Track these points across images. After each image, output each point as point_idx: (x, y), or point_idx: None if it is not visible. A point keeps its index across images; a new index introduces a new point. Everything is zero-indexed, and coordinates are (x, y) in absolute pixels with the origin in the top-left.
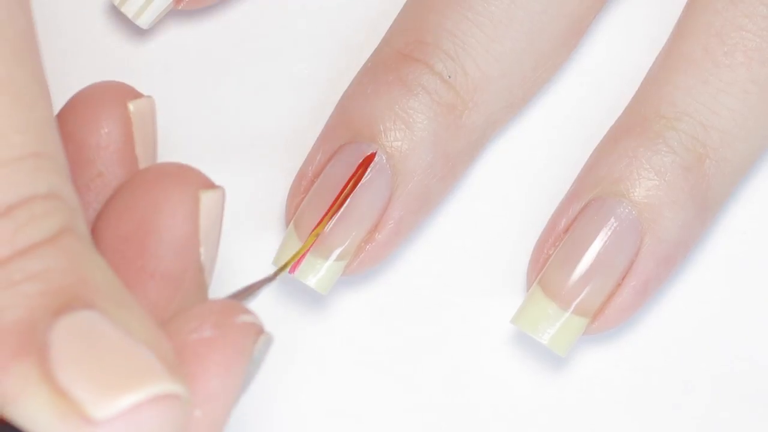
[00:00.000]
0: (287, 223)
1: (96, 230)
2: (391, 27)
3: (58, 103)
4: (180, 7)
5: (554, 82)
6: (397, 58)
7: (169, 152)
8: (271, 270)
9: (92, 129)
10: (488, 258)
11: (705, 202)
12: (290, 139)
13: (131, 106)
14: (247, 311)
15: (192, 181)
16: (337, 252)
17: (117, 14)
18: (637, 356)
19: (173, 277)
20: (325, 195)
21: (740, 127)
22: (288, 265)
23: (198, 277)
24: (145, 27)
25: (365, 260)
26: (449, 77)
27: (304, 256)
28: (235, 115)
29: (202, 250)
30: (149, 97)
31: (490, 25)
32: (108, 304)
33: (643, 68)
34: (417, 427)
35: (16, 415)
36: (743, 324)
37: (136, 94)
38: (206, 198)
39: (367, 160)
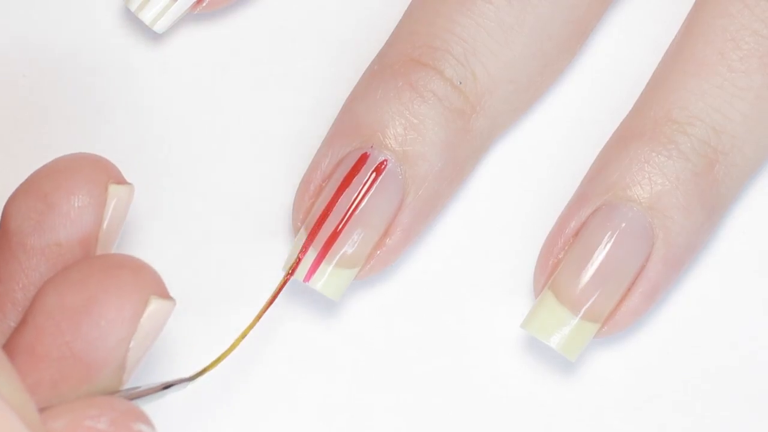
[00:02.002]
0: (295, 228)
1: (42, 291)
2: (397, 29)
3: (71, 102)
4: (197, 11)
5: (557, 83)
6: (406, 63)
7: (173, 155)
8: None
9: (67, 198)
10: (492, 260)
11: (714, 206)
12: (292, 139)
13: (111, 190)
14: (148, 422)
15: (148, 284)
16: (349, 259)
17: (123, 16)
18: (637, 356)
19: (92, 365)
20: (339, 205)
21: (751, 131)
22: (212, 367)
23: (116, 373)
24: (160, 32)
25: (375, 265)
26: (460, 83)
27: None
28: (237, 117)
29: (131, 351)
30: (130, 185)
31: (500, 31)
32: None
33: (645, 69)
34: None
35: None
36: (744, 323)
37: (119, 178)
38: (155, 305)
39: (379, 167)
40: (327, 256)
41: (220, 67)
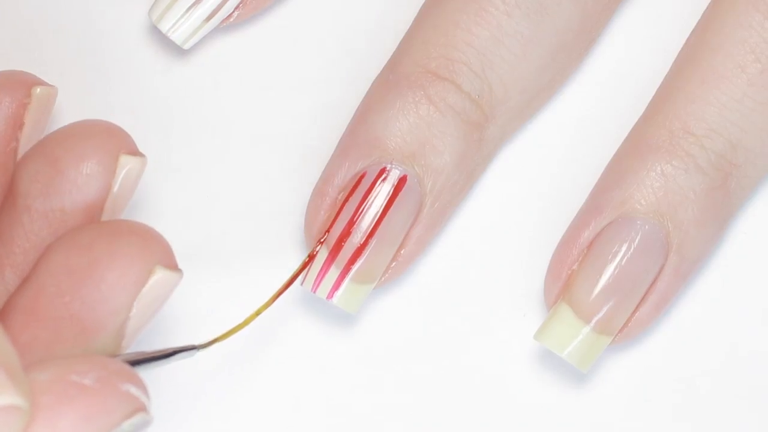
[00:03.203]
0: (308, 238)
1: (49, 249)
2: (409, 36)
3: (83, 105)
4: (223, 25)
5: (564, 87)
6: (422, 75)
7: (179, 157)
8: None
9: (77, 165)
10: (500, 265)
11: (726, 218)
12: (299, 142)
13: (121, 159)
14: (139, 384)
15: (155, 253)
16: (370, 274)
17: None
18: (637, 355)
19: (88, 328)
20: (362, 222)
21: (765, 144)
22: (223, 338)
23: (114, 339)
24: (188, 48)
25: (389, 276)
26: (477, 96)
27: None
28: (234, 115)
29: (131, 318)
30: (142, 156)
31: (517, 44)
32: None
33: (651, 72)
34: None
35: None
36: (744, 323)
37: (132, 149)
38: (159, 276)
39: (400, 183)
40: (349, 273)
41: (227, 72)
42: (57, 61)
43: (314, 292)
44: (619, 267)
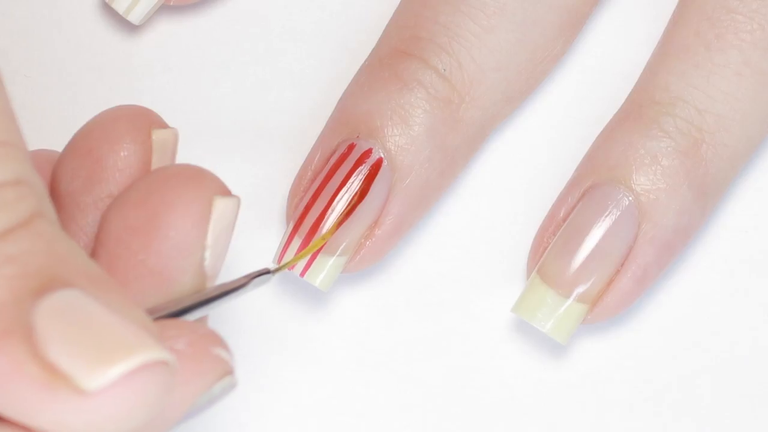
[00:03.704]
0: (288, 222)
1: (105, 217)
2: (388, 25)
3: (71, 102)
4: (171, 3)
5: (553, 75)
6: (392, 54)
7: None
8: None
9: (112, 149)
10: (489, 250)
11: (703, 188)
12: (292, 137)
13: (154, 135)
14: (226, 348)
15: (208, 186)
16: (337, 249)
17: (108, 10)
18: (637, 354)
19: (170, 277)
20: (324, 193)
21: (735, 110)
22: (283, 268)
23: (197, 282)
24: (136, 23)
25: (365, 257)
26: (444, 71)
27: (311, 257)
28: (233, 114)
29: (207, 256)
30: (173, 128)
31: (483, 16)
32: (86, 283)
33: (643, 62)
34: (419, 423)
35: (7, 395)
36: (744, 323)
37: (161, 124)
38: (220, 204)
39: (364, 157)
40: (311, 243)
41: (219, 64)
42: (56, 62)
43: (278, 264)
44: (587, 234)
